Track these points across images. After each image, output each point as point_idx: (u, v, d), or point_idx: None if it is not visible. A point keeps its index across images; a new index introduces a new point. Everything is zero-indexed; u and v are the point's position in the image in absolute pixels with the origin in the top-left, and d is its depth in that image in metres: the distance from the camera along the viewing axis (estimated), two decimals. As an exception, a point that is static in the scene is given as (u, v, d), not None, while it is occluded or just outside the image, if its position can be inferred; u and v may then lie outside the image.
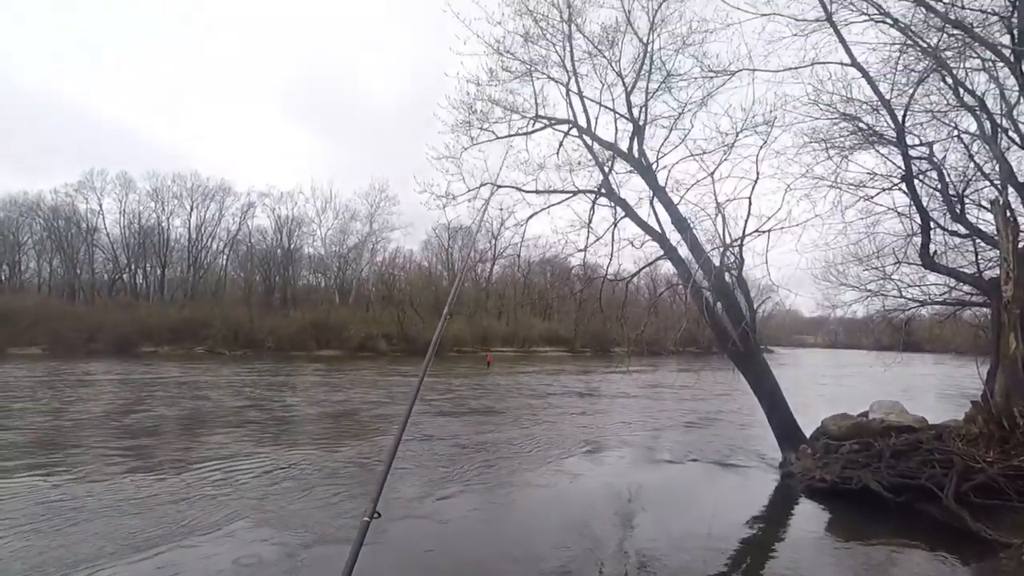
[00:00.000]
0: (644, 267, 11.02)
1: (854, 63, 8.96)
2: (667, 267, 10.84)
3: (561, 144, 10.42)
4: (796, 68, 9.36)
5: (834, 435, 8.33)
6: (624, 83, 9.95)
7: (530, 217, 10.76)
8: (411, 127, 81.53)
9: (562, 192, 10.43)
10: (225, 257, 53.66)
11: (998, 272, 8.02)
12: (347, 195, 62.24)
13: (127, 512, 6.19)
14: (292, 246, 51.43)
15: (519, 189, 10.62)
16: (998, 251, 8.14)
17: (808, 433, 8.85)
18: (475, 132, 10.48)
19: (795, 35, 9.18)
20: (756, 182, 9.00)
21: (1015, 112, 8.95)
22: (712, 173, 9.35)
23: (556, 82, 10.26)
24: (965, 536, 5.28)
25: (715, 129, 9.64)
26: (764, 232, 8.98)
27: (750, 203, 8.98)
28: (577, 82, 10.11)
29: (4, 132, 62.28)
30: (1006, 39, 8.20)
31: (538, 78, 10.21)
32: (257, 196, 51.63)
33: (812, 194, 9.80)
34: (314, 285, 53.92)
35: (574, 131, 10.31)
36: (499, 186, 10.68)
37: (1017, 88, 8.46)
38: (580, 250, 10.55)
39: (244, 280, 52.62)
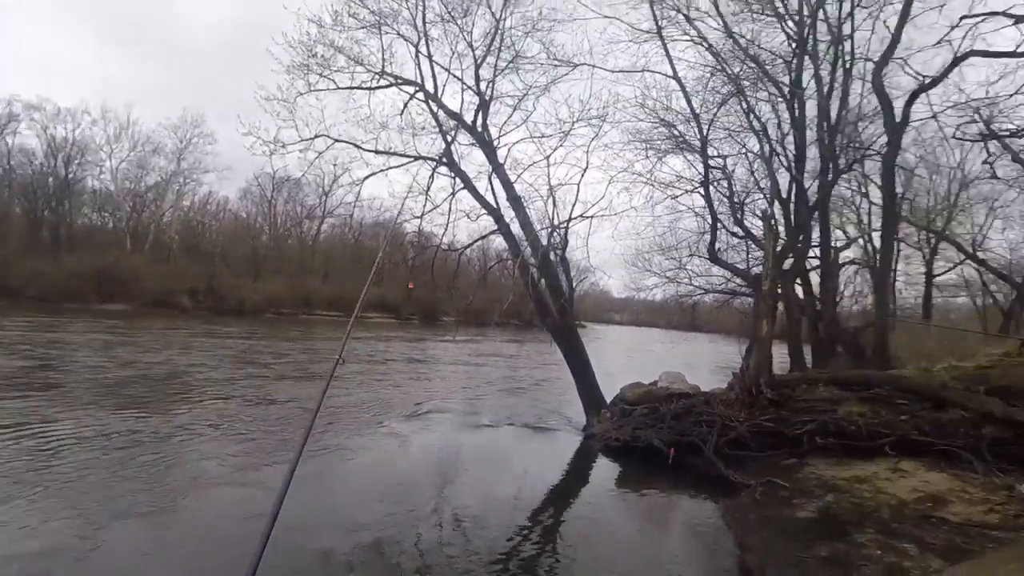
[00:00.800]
0: (478, 240, 11.39)
1: (675, 76, 10.17)
2: (498, 242, 11.34)
3: (406, 106, 10.27)
4: (628, 72, 10.37)
5: (629, 400, 9.53)
6: (474, 55, 10.08)
7: (367, 177, 10.49)
8: (241, 56, 72.40)
9: (403, 156, 10.30)
10: (-31, 179, 43.03)
11: (761, 269, 9.82)
12: (150, 124, 52.55)
13: None
14: (70, 176, 42.97)
15: (358, 146, 10.26)
16: (763, 252, 9.94)
17: (609, 399, 10.02)
18: (313, 78, 9.88)
19: (630, 41, 10.16)
20: (585, 171, 9.82)
21: (785, 141, 10.90)
22: (548, 157, 9.99)
23: (406, 40, 10.03)
24: (720, 481, 6.51)
25: (555, 115, 10.31)
26: (588, 217, 9.89)
27: (578, 189, 9.80)
28: (427, 45, 10.01)
29: None
30: (787, 79, 9.93)
31: (387, 32, 9.88)
32: (22, 108, 41.81)
33: (631, 188, 11.05)
34: (99, 226, 45.83)
35: (420, 95, 10.20)
36: (336, 140, 10.25)
37: (789, 121, 10.31)
38: (416, 217, 10.51)
39: (-2, 210, 42.85)
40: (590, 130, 10.19)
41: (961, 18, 10.50)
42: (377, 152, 10.11)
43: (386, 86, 10.18)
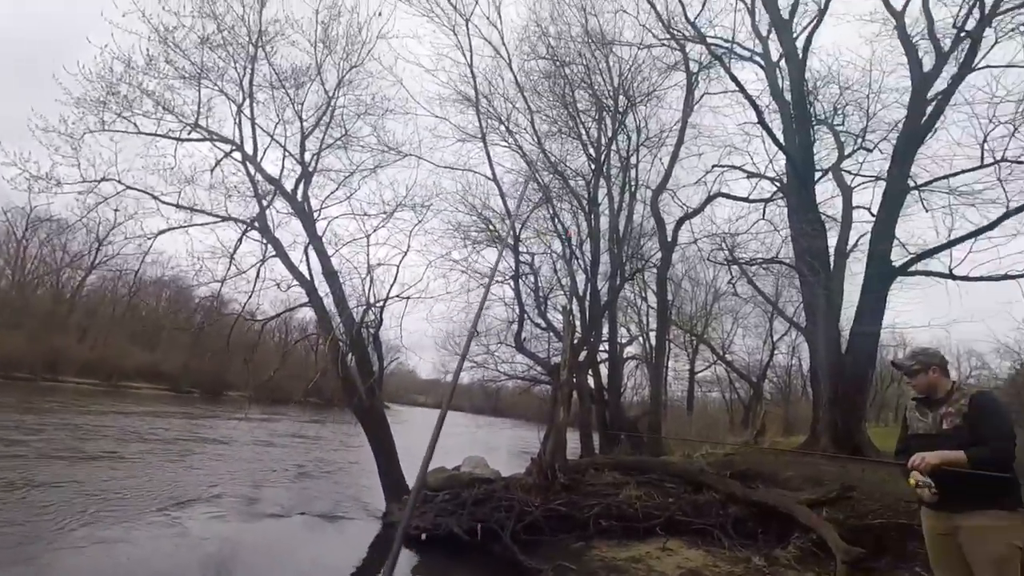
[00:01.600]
0: (286, 311, 10.82)
1: (494, 178, 11.16)
2: (303, 315, 10.90)
3: (218, 163, 9.69)
4: (453, 168, 11.11)
5: (432, 487, 9.39)
6: (302, 126, 9.98)
7: (163, 231, 9.56)
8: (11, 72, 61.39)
9: (210, 214, 9.60)
10: None
11: (560, 359, 10.71)
12: None
13: None
14: None
15: (156, 198, 9.32)
16: (562, 344, 10.90)
17: (412, 485, 9.74)
18: (110, 116, 8.91)
19: (457, 140, 11.00)
20: (406, 253, 10.04)
21: (584, 246, 12.43)
22: (369, 236, 10.02)
23: (228, 99, 9.63)
24: (516, 567, 6.60)
25: (379, 197, 10.48)
26: (405, 298, 9.99)
27: (398, 270, 9.92)
28: (251, 107, 9.69)
29: None
30: (586, 195, 11.50)
31: (207, 87, 9.41)
32: None
33: (448, 275, 11.52)
34: None
35: (237, 155, 9.73)
36: (129, 187, 9.23)
37: (587, 230, 11.84)
38: (217, 281, 9.75)
39: None
40: (413, 215, 10.54)
41: (713, 166, 13.43)
42: (179, 207, 9.26)
43: (198, 139, 9.53)
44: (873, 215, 11.57)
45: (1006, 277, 9.46)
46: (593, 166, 12.88)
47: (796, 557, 6.18)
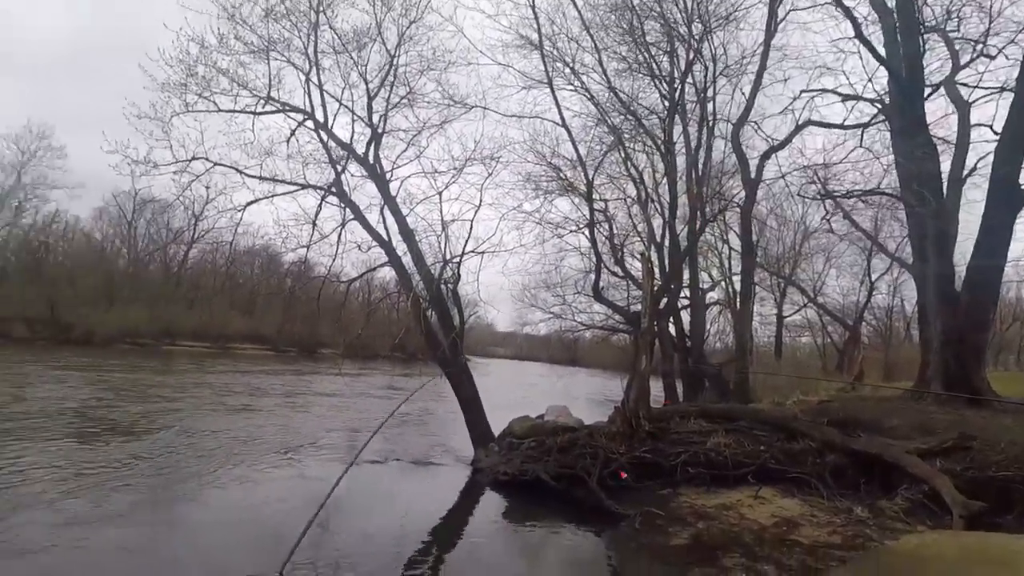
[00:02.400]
0: (367, 272, 11.17)
1: (563, 124, 10.77)
2: (383, 274, 11.23)
3: (293, 133, 9.95)
4: (520, 117, 10.83)
5: (517, 434, 9.61)
6: (368, 88, 10.02)
7: (250, 203, 10.03)
8: (96, 68, 66.05)
9: (290, 183, 9.95)
10: None
11: (640, 307, 10.47)
12: (-18, 135, 44.82)
13: None
14: None
15: (240, 171, 9.75)
16: (641, 292, 10.63)
17: (497, 433, 10.03)
18: (191, 98, 9.31)
19: (522, 88, 10.67)
20: (479, 208, 10.02)
21: (660, 189, 11.88)
22: (441, 192, 10.09)
23: (296, 68, 9.80)
24: (602, 512, 6.67)
25: (448, 153, 10.44)
26: (480, 253, 10.05)
27: (472, 225, 9.94)
28: (318, 74, 9.83)
29: None
30: (661, 133, 10.90)
31: (276, 59, 9.61)
32: None
33: (521, 227, 11.44)
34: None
35: (309, 123, 9.95)
36: (216, 164, 9.70)
37: (663, 171, 11.27)
38: (303, 246, 10.18)
39: None
40: (483, 169, 10.45)
41: (801, 92, 12.26)
42: (262, 178, 9.66)
43: (272, 112, 9.82)
44: (996, 133, 10.22)
45: None
46: (667, 102, 12.13)
47: (905, 509, 5.83)
